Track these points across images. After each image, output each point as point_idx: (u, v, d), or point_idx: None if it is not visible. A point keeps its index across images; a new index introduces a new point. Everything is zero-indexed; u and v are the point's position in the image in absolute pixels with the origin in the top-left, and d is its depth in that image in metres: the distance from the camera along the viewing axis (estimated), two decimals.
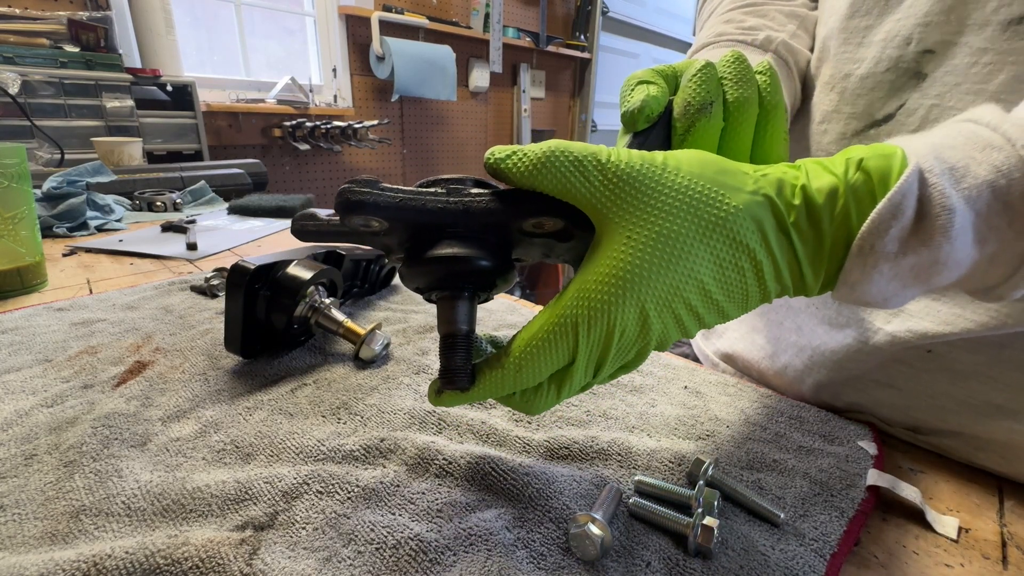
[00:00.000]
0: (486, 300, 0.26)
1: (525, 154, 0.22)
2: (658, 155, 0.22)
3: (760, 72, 0.30)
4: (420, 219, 0.23)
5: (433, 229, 0.23)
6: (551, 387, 0.23)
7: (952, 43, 0.31)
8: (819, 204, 0.21)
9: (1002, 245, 0.20)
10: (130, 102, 1.70)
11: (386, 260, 0.27)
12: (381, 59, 2.68)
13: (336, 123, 2.58)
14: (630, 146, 0.28)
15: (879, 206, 0.20)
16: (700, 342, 0.55)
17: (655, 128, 0.29)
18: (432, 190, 0.23)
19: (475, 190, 0.23)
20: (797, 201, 0.21)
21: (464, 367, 0.23)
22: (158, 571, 0.23)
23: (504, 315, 0.55)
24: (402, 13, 2.74)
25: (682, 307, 0.21)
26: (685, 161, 0.22)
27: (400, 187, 0.23)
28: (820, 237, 0.21)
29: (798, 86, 0.41)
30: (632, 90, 0.28)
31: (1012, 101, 0.28)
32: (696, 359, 0.57)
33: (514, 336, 0.23)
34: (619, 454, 0.32)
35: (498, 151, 0.22)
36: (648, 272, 0.20)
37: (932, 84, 0.32)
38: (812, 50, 0.42)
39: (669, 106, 0.30)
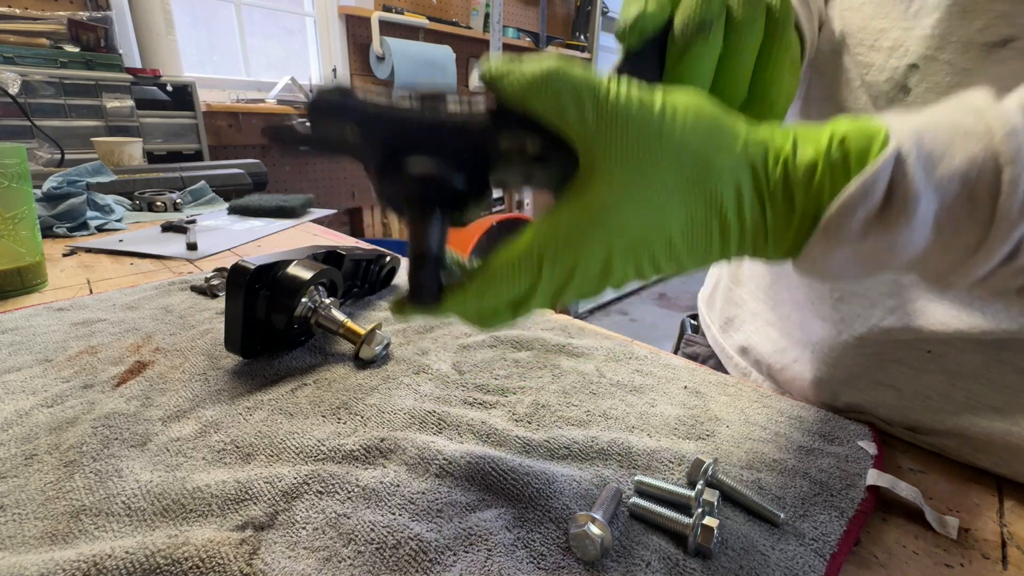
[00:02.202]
0: (460, 224, 0.26)
1: (523, 72, 0.21)
2: (657, 98, 0.21)
3: None
4: (394, 129, 0.22)
5: (408, 142, 0.22)
6: (507, 310, 0.24)
7: (934, 59, 0.30)
8: (797, 179, 0.21)
9: (958, 235, 0.20)
10: (130, 102, 1.70)
11: (367, 170, 0.26)
12: (381, 59, 2.68)
13: None
14: (622, 65, 0.26)
15: (851, 188, 0.20)
16: (718, 335, 0.55)
17: (650, 49, 0.27)
18: (406, 100, 0.22)
19: (451, 103, 0.22)
20: (778, 173, 0.21)
21: (431, 284, 0.24)
22: (158, 571, 0.23)
23: None
24: (402, 13, 2.74)
25: (645, 256, 0.21)
26: (681, 110, 0.21)
27: (375, 96, 0.22)
28: (791, 209, 0.21)
29: (815, 30, 0.37)
30: (631, 1, 0.27)
31: None
32: (696, 359, 0.57)
33: (483, 260, 0.23)
34: (619, 454, 0.32)
35: (496, 63, 0.22)
36: (622, 218, 0.21)
37: (914, 100, 0.31)
38: (818, 25, 0.39)
39: (670, 23, 0.27)
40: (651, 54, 0.27)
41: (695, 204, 0.21)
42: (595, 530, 0.24)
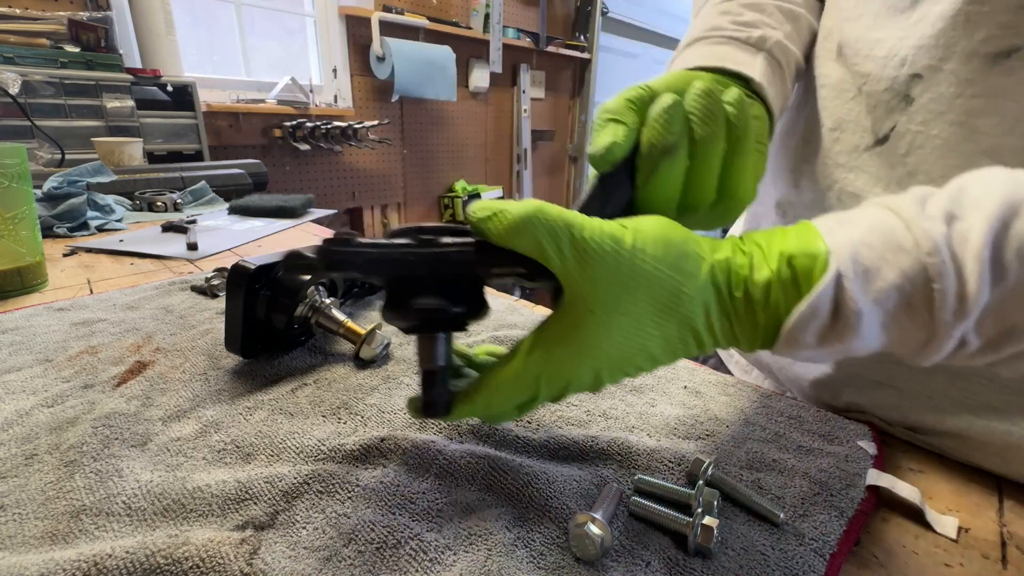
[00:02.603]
0: (463, 330, 0.29)
1: (505, 215, 0.23)
2: (627, 234, 0.23)
3: (729, 103, 0.30)
4: (395, 270, 0.25)
5: (408, 277, 0.25)
6: (513, 412, 0.27)
7: (938, 69, 0.30)
8: (756, 298, 0.23)
9: (905, 335, 0.22)
10: (130, 102, 1.70)
11: None
12: (381, 59, 2.68)
13: (336, 123, 2.58)
14: (595, 186, 0.29)
15: (801, 309, 0.22)
16: None
17: (623, 167, 0.29)
18: (406, 242, 0.25)
19: (447, 239, 0.25)
20: (739, 293, 0.23)
21: (442, 399, 0.27)
22: (158, 571, 0.23)
23: (504, 315, 0.55)
24: (402, 13, 2.74)
25: (630, 368, 0.24)
26: (651, 243, 0.23)
27: (376, 240, 0.25)
28: (755, 322, 0.24)
29: (789, 88, 0.40)
30: (603, 127, 0.29)
31: (994, 136, 0.28)
32: (695, 359, 0.57)
33: (488, 370, 0.26)
34: (619, 454, 0.32)
35: (479, 210, 0.24)
36: (605, 347, 0.23)
37: (918, 110, 0.32)
38: (803, 53, 0.41)
39: (639, 140, 0.29)
40: (623, 173, 0.29)
41: (670, 327, 0.23)
42: (595, 530, 0.24)
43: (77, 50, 1.61)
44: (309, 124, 2.50)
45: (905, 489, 0.30)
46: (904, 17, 0.32)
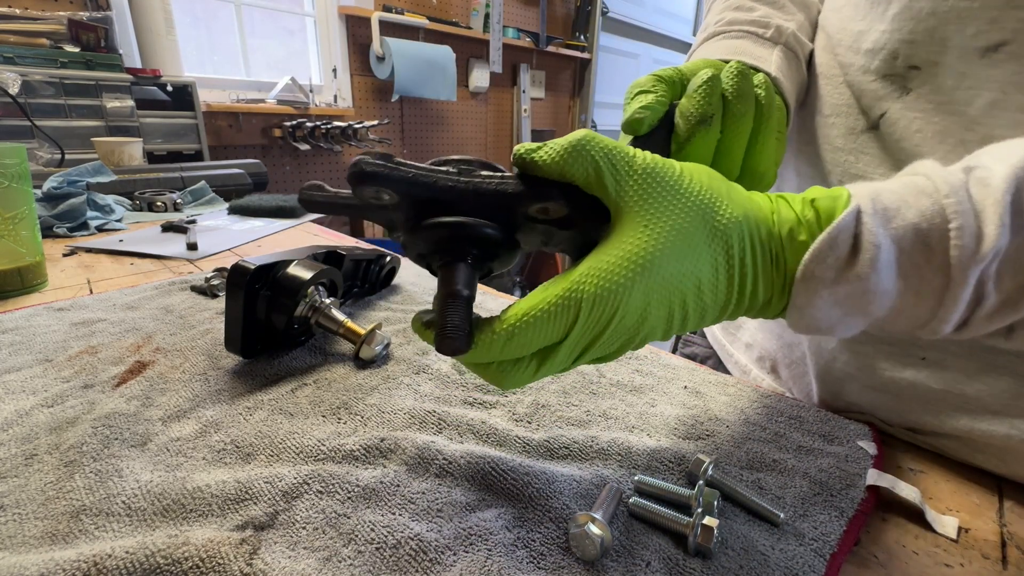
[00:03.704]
0: (486, 274, 0.26)
1: (556, 143, 0.23)
2: (675, 163, 0.24)
3: (758, 86, 0.32)
4: (429, 195, 0.23)
5: (441, 206, 0.23)
6: (532, 362, 0.23)
7: (937, 63, 0.31)
8: (783, 236, 0.24)
9: (922, 280, 0.22)
10: (130, 102, 1.70)
11: (391, 236, 0.27)
12: (381, 59, 2.68)
13: (336, 123, 2.58)
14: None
15: (819, 238, 0.22)
16: (720, 334, 0.55)
17: (656, 133, 0.31)
18: (444, 168, 0.24)
19: (484, 172, 0.24)
20: (776, 230, 0.24)
21: (463, 326, 0.22)
22: (158, 571, 0.23)
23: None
24: (402, 13, 2.74)
25: (677, 303, 0.23)
26: (696, 172, 0.24)
27: (413, 163, 0.23)
28: (784, 265, 0.24)
29: (805, 78, 0.41)
30: (632, 98, 0.31)
31: (989, 125, 0.29)
32: (695, 359, 0.57)
33: (509, 306, 0.23)
34: (619, 454, 0.32)
35: (527, 145, 0.24)
36: (661, 260, 0.22)
37: (918, 99, 0.32)
38: (813, 39, 0.42)
39: (670, 110, 0.31)
40: (656, 138, 0.30)
41: (718, 251, 0.23)
42: (595, 530, 0.24)
43: (77, 50, 1.61)
44: (309, 124, 2.50)
45: (905, 489, 0.30)
46: (881, 9, 0.34)
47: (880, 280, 0.22)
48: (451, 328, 0.22)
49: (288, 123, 2.47)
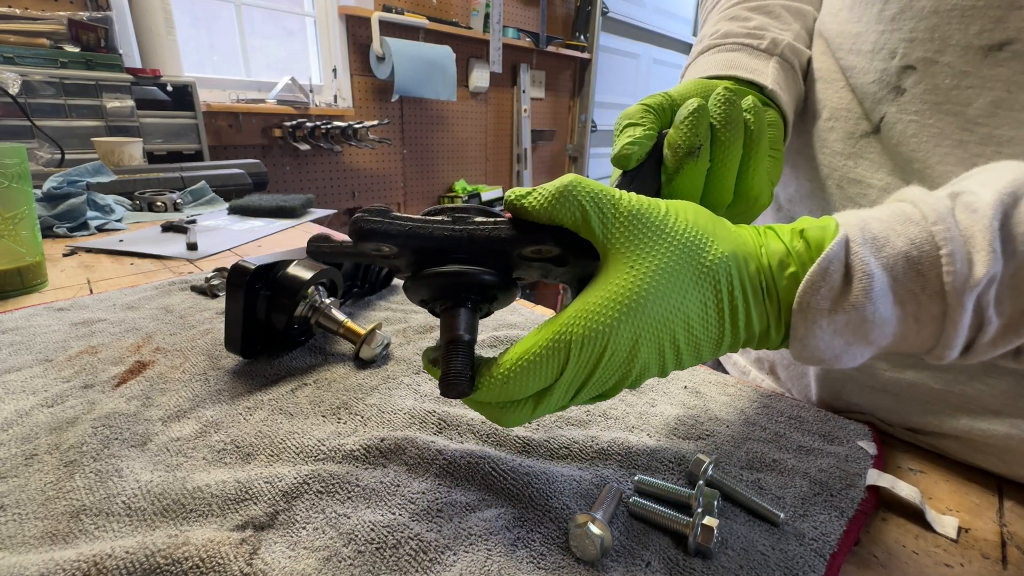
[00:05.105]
0: (487, 314, 0.27)
1: (544, 188, 0.24)
2: (660, 203, 0.24)
3: (747, 111, 0.32)
4: (427, 245, 0.24)
5: (439, 253, 0.25)
6: (528, 403, 0.24)
7: (934, 61, 0.31)
8: (772, 267, 0.24)
9: (920, 307, 0.22)
10: (130, 102, 1.70)
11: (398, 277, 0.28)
12: (381, 59, 2.68)
13: (336, 123, 2.58)
14: (621, 182, 0.30)
15: (811, 270, 0.22)
16: None
17: (646, 164, 0.31)
18: (439, 218, 0.25)
19: (479, 219, 0.25)
20: (765, 262, 0.24)
21: (464, 372, 0.24)
22: (158, 571, 0.23)
23: (504, 315, 0.55)
24: (402, 13, 2.74)
25: (668, 340, 0.23)
26: (683, 211, 0.24)
27: (409, 216, 0.25)
28: (777, 295, 0.24)
29: (802, 88, 0.41)
30: (621, 131, 0.31)
31: (991, 125, 0.29)
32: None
33: (505, 350, 0.24)
34: (619, 454, 0.32)
35: (517, 190, 0.25)
36: (647, 300, 0.22)
37: (912, 100, 0.32)
38: (810, 47, 0.42)
39: (660, 140, 0.31)
40: (646, 171, 0.31)
41: (706, 289, 0.23)
42: (595, 530, 0.24)
43: (77, 50, 1.61)
44: (309, 124, 2.50)
45: (905, 489, 0.30)
46: (876, 9, 0.34)
47: (877, 309, 0.22)
48: (454, 374, 0.24)
49: (288, 123, 2.46)
